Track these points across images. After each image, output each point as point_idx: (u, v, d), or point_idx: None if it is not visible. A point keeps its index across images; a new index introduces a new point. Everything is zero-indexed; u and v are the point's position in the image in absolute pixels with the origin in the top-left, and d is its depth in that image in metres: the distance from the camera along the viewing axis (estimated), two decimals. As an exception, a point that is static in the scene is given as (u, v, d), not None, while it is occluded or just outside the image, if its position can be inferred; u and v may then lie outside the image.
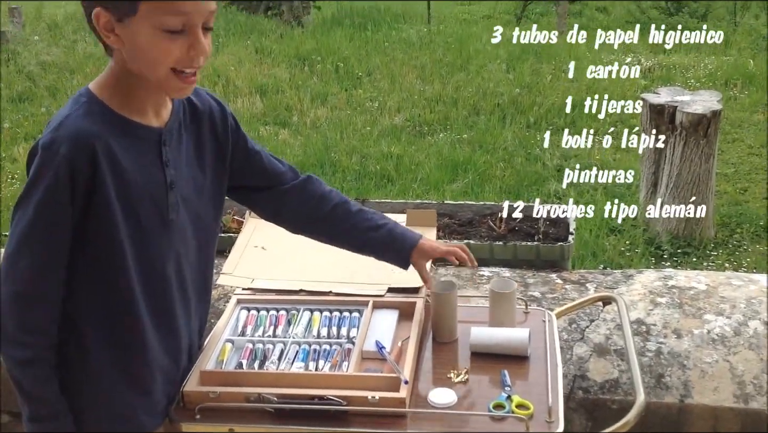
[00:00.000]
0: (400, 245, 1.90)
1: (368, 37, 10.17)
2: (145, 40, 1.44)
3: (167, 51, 1.45)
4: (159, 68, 1.47)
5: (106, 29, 1.43)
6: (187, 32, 1.46)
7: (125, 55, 1.46)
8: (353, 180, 6.08)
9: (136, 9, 1.41)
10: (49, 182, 1.43)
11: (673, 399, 2.14)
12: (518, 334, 1.89)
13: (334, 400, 1.68)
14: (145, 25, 1.42)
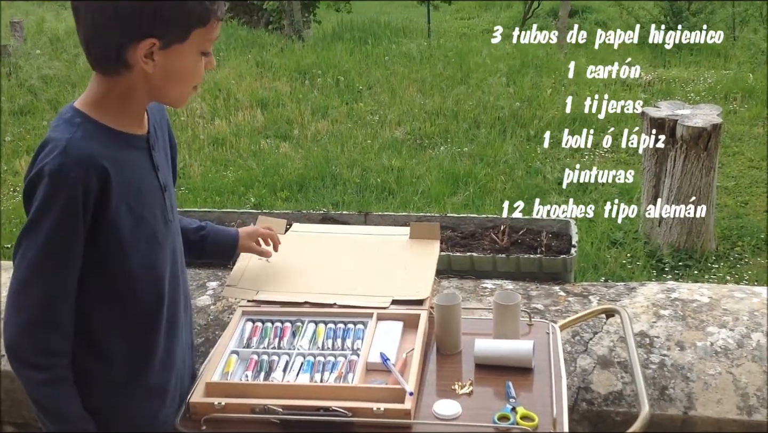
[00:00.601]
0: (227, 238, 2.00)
1: (369, 51, 10.22)
2: (186, 63, 1.50)
3: (199, 72, 1.54)
4: (187, 87, 1.55)
5: (146, 56, 1.45)
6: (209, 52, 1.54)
7: (154, 77, 1.48)
8: (354, 193, 6.10)
9: (188, 36, 1.46)
10: (63, 207, 1.43)
11: (676, 411, 2.14)
12: (522, 346, 1.89)
13: (340, 411, 1.69)
14: (189, 50, 1.48)
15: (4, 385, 2.52)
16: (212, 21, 1.47)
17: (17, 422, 2.59)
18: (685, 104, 5.18)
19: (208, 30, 1.48)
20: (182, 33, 1.45)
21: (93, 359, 1.59)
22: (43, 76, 9.17)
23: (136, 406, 1.65)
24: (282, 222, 2.27)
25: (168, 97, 1.55)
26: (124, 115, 1.53)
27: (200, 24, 1.46)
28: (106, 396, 1.62)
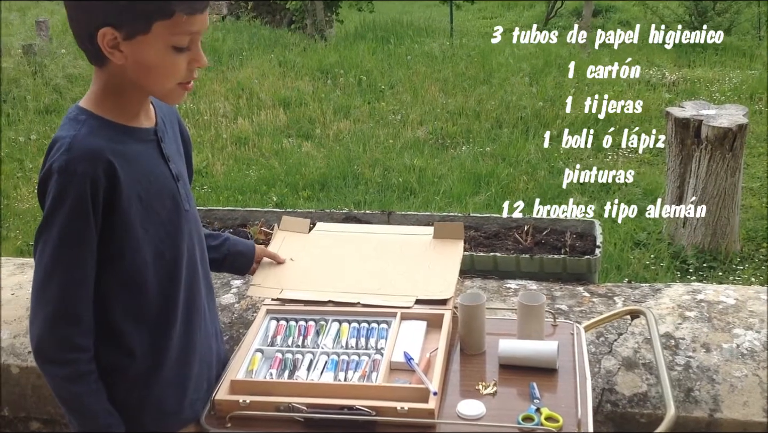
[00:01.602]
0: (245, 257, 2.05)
1: (391, 51, 10.22)
2: (155, 57, 1.47)
3: (175, 67, 1.50)
4: (166, 83, 1.53)
5: (110, 46, 1.45)
6: (190, 47, 1.51)
7: (128, 70, 1.48)
8: (375, 192, 6.10)
9: (150, 28, 1.44)
10: (72, 202, 1.45)
11: (702, 413, 2.12)
12: (547, 346, 1.88)
13: (364, 410, 1.69)
14: (155, 43, 1.46)
15: (31, 381, 2.55)
16: (177, 14, 1.44)
17: (43, 418, 2.61)
18: (710, 104, 5.13)
19: (175, 23, 1.44)
20: (142, 24, 1.43)
21: (115, 352, 1.60)
22: (68, 75, 9.26)
23: (161, 395, 1.66)
24: (306, 221, 2.27)
25: (151, 91, 1.55)
26: (124, 108, 1.54)
27: (161, 17, 1.43)
28: (130, 388, 1.63)
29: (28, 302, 2.70)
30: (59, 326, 1.51)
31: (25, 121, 8.11)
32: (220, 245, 1.97)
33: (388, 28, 11.86)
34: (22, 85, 8.90)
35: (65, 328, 1.52)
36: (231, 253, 1.99)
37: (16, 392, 2.58)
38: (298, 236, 2.24)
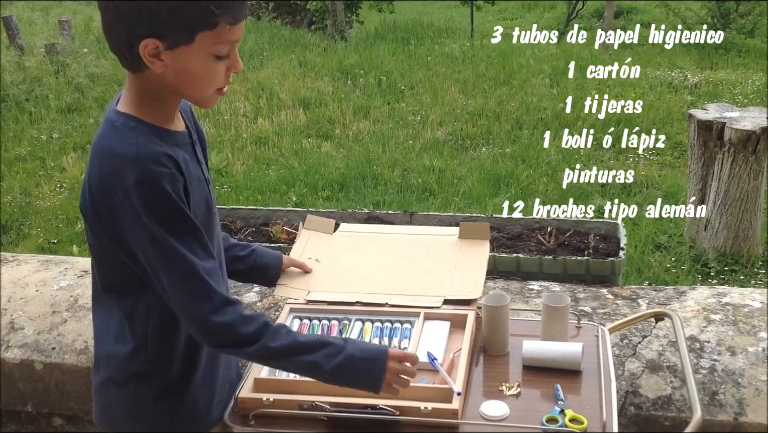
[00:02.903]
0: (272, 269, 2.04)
1: (411, 52, 10.22)
2: (197, 66, 1.47)
3: (216, 75, 1.50)
4: (206, 91, 1.52)
5: (151, 55, 1.44)
6: (229, 54, 1.51)
7: (168, 78, 1.48)
8: (395, 193, 6.10)
9: (194, 39, 1.44)
10: (167, 203, 1.45)
11: (727, 417, 2.10)
12: (571, 348, 1.87)
13: (387, 409, 1.69)
14: (197, 53, 1.45)
15: (54, 377, 2.57)
16: (221, 25, 1.43)
17: (66, 414, 2.63)
18: (733, 107, 5.09)
19: (218, 34, 1.44)
20: (186, 35, 1.43)
21: (155, 356, 1.61)
22: (90, 75, 9.33)
23: (193, 397, 1.67)
24: (331, 222, 2.27)
25: (188, 97, 1.55)
26: (163, 113, 1.54)
27: (206, 27, 1.43)
28: (165, 392, 1.63)
29: (52, 298, 2.74)
30: (225, 313, 1.52)
31: (48, 120, 8.17)
32: (247, 256, 1.96)
33: (409, 29, 11.86)
34: (45, 84, 8.97)
35: (229, 308, 1.53)
36: (257, 265, 1.98)
37: (40, 388, 2.60)
38: (322, 236, 2.24)
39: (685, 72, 8.90)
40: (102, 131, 1.51)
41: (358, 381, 1.63)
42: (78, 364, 2.53)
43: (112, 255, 1.55)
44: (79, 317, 2.66)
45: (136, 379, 1.61)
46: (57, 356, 2.57)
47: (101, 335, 1.65)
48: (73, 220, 5.91)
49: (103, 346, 1.65)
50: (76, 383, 2.55)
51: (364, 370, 1.61)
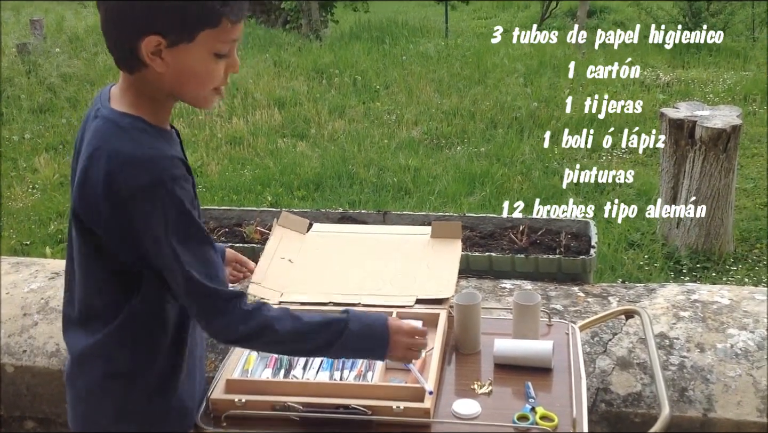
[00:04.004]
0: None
1: (386, 51, 10.22)
2: (197, 64, 1.46)
3: (215, 73, 1.49)
4: (204, 89, 1.51)
5: (151, 53, 1.43)
6: (228, 54, 1.50)
7: (167, 77, 1.47)
8: (371, 192, 6.11)
9: (195, 37, 1.43)
10: (181, 204, 1.45)
11: (696, 413, 2.13)
12: (542, 346, 1.89)
13: (359, 409, 1.69)
14: (197, 51, 1.45)
15: (26, 380, 2.55)
16: (223, 23, 1.43)
17: (38, 417, 2.61)
18: (705, 105, 5.15)
19: (220, 31, 1.44)
20: (188, 33, 1.42)
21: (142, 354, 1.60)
22: (63, 74, 9.24)
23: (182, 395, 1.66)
24: (304, 222, 2.28)
25: (186, 97, 1.53)
26: (160, 113, 1.53)
27: (208, 25, 1.42)
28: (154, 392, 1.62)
29: (23, 301, 2.71)
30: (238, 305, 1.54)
31: (19, 120, 8.08)
32: None
33: (383, 28, 11.86)
34: (16, 84, 8.88)
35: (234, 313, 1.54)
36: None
37: (11, 391, 2.57)
38: (296, 236, 2.25)
39: (657, 71, 8.98)
40: (106, 132, 1.47)
41: (363, 354, 1.73)
42: (49, 366, 2.51)
43: (102, 260, 1.53)
44: (50, 319, 2.64)
45: (123, 378, 1.59)
46: (28, 359, 2.55)
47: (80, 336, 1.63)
48: (46, 221, 5.86)
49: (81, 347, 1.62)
50: (48, 386, 2.53)
51: (368, 346, 1.66)
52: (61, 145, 7.41)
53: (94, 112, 1.52)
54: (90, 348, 1.60)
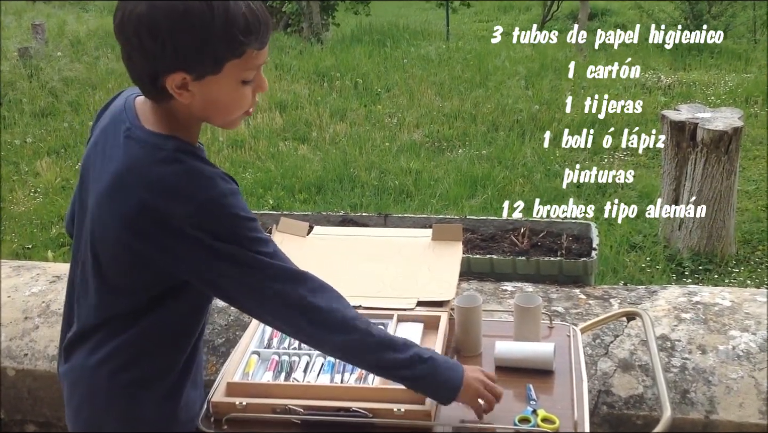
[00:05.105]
0: None
1: (387, 54, 10.23)
2: (225, 94, 1.44)
3: (244, 99, 1.47)
4: (233, 115, 1.49)
5: (179, 88, 1.41)
6: (255, 77, 1.48)
7: (195, 107, 1.44)
8: (372, 195, 6.11)
9: (222, 69, 1.41)
10: (245, 214, 1.44)
11: (698, 415, 2.13)
12: (543, 348, 1.89)
13: (360, 412, 1.69)
14: (226, 81, 1.42)
15: (27, 383, 2.55)
16: (249, 52, 1.41)
17: (39, 421, 2.61)
18: (706, 107, 5.14)
19: (245, 60, 1.42)
20: (213, 66, 1.40)
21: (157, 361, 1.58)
22: (64, 78, 9.25)
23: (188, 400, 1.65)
24: (304, 225, 2.27)
25: (214, 122, 1.51)
26: (194, 132, 1.51)
27: (233, 56, 1.40)
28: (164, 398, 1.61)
29: (24, 304, 2.72)
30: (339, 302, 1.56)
31: (21, 124, 8.09)
32: None
33: (385, 32, 11.88)
34: (18, 88, 8.90)
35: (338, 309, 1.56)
36: None
37: (12, 395, 2.58)
38: (296, 239, 2.25)
39: (659, 73, 8.99)
40: (146, 157, 1.42)
41: (436, 392, 1.66)
42: (51, 370, 2.51)
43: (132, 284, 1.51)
44: (51, 322, 2.64)
45: (135, 387, 1.57)
46: (29, 363, 2.55)
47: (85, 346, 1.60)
48: (48, 225, 5.87)
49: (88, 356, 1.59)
50: (49, 390, 2.53)
51: (444, 382, 1.63)
52: (63, 149, 7.42)
53: (124, 130, 1.47)
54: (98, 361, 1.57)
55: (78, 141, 7.50)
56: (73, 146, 7.43)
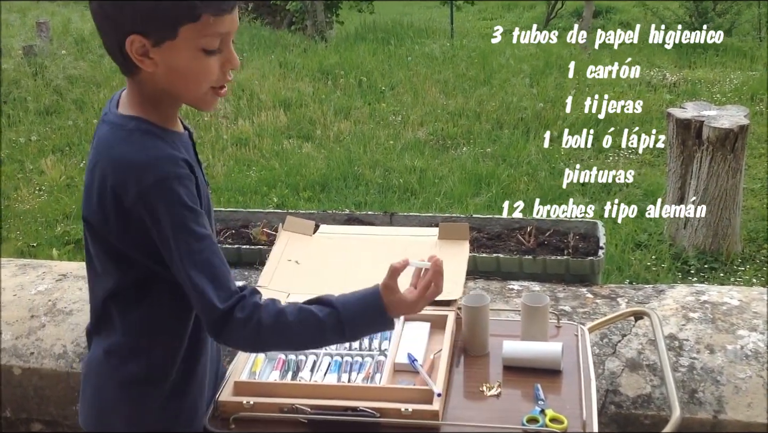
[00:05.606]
0: None
1: (391, 52, 10.21)
2: (185, 62, 1.44)
3: (207, 71, 1.46)
4: (199, 88, 1.48)
5: (139, 54, 1.42)
6: (222, 49, 1.47)
7: (160, 78, 1.45)
8: (376, 193, 6.10)
9: (177, 33, 1.41)
10: (182, 202, 1.43)
11: (706, 415, 2.12)
12: (551, 348, 1.88)
13: (368, 411, 1.69)
14: (184, 47, 1.42)
15: (33, 382, 2.55)
16: (204, 17, 1.40)
17: (45, 420, 2.61)
18: (712, 105, 5.13)
19: (203, 26, 1.41)
20: (168, 29, 1.40)
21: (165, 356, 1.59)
22: (69, 76, 9.25)
23: (194, 398, 1.65)
24: (310, 224, 2.27)
25: (184, 97, 1.51)
26: (166, 115, 1.52)
27: (187, 20, 1.39)
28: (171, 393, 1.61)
29: (30, 303, 2.71)
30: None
31: (26, 123, 8.09)
32: None
33: (389, 30, 11.86)
34: (23, 87, 8.89)
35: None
36: None
37: (18, 394, 2.57)
38: (302, 237, 2.24)
39: (664, 71, 8.96)
40: (111, 138, 1.47)
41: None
42: (57, 369, 2.51)
43: (116, 263, 1.52)
44: (57, 321, 2.64)
45: (146, 382, 1.58)
46: (35, 361, 2.55)
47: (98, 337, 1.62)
48: (53, 223, 5.87)
49: (99, 347, 1.61)
50: (55, 388, 2.53)
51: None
52: (68, 147, 7.42)
53: (102, 116, 1.52)
54: (105, 352, 1.59)
55: (83, 139, 7.50)
56: (78, 144, 7.43)
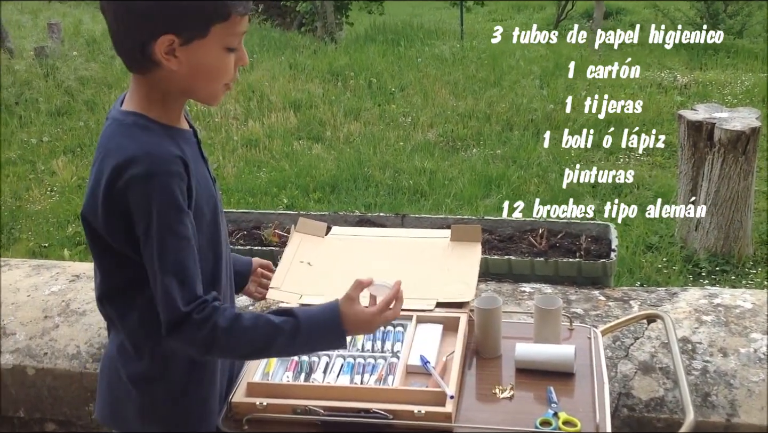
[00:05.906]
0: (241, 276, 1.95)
1: (401, 53, 10.22)
2: (211, 59, 1.48)
3: (227, 68, 1.51)
4: (217, 84, 1.52)
5: (167, 53, 1.44)
6: (237, 47, 1.52)
7: (181, 76, 1.47)
8: (386, 195, 6.10)
9: (208, 32, 1.44)
10: (169, 199, 1.43)
11: (719, 418, 2.11)
12: (564, 350, 1.88)
13: (380, 413, 1.69)
14: (212, 46, 1.46)
15: (47, 382, 2.56)
16: (233, 16, 1.45)
17: (59, 420, 2.62)
18: (723, 107, 5.11)
19: (230, 25, 1.46)
20: (201, 28, 1.44)
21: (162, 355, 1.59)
22: (80, 78, 9.28)
23: (206, 395, 1.65)
24: (323, 225, 2.27)
25: (199, 94, 1.54)
26: (171, 112, 1.54)
27: (219, 19, 1.44)
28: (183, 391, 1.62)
29: (44, 303, 2.73)
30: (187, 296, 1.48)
31: (37, 123, 8.13)
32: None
33: (398, 31, 11.87)
34: (34, 88, 8.93)
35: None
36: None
37: (32, 394, 2.59)
38: (314, 239, 2.24)
39: (675, 73, 8.94)
40: (109, 132, 1.50)
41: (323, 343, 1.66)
42: (70, 369, 2.52)
43: (109, 261, 1.54)
44: (71, 321, 2.65)
45: (153, 380, 1.59)
46: (49, 361, 2.56)
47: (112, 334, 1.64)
48: (64, 223, 5.89)
49: (113, 343, 1.63)
50: (69, 388, 2.54)
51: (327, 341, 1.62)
52: (79, 148, 7.45)
53: (107, 116, 1.55)
54: (117, 348, 1.61)
55: (94, 140, 7.52)
56: (89, 145, 7.45)
